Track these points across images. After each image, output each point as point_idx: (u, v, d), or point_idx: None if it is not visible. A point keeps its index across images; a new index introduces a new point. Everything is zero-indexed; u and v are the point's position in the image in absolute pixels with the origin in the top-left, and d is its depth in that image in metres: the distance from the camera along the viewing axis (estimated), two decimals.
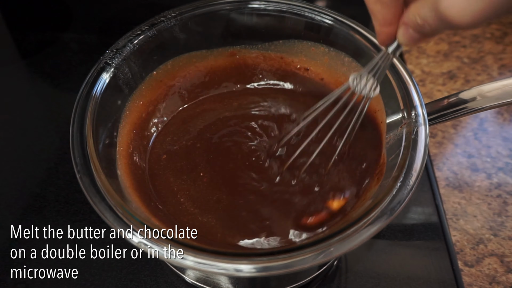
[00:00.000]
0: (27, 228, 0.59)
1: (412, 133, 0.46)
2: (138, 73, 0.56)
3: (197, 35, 0.59)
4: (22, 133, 0.72)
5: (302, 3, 0.58)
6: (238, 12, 0.59)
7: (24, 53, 0.84)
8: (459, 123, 0.73)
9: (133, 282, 0.56)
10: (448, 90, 0.76)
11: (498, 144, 0.70)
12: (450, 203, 0.64)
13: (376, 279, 0.57)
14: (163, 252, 0.39)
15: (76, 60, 0.82)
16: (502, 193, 0.65)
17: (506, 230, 0.61)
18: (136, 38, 0.54)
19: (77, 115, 0.47)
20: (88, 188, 0.42)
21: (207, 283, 0.55)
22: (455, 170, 0.67)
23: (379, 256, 0.59)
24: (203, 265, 0.38)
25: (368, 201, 0.45)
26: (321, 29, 0.57)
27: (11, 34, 0.87)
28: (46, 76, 0.80)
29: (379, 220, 0.40)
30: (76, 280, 0.56)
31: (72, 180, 0.65)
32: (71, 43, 0.85)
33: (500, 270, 0.58)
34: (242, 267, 0.38)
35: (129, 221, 0.40)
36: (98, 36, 0.86)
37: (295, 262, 0.38)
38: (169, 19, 0.56)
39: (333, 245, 0.39)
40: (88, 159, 0.44)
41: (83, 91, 0.49)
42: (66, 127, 0.46)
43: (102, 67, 0.52)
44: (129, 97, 0.55)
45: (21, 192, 0.64)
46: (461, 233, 0.61)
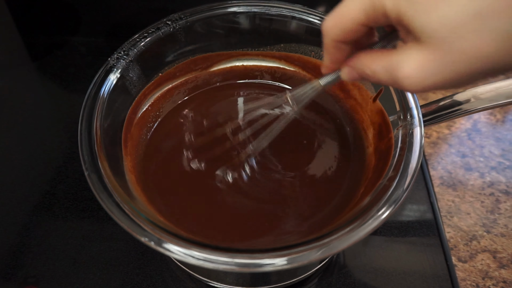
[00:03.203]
0: (38, 224, 0.61)
1: (408, 135, 0.47)
2: (144, 74, 0.57)
3: (201, 38, 0.60)
4: (32, 133, 0.72)
5: (303, 8, 0.58)
6: (240, 16, 0.59)
7: (34, 56, 0.85)
8: (453, 124, 0.73)
9: (139, 277, 0.57)
10: (443, 92, 0.75)
11: (491, 144, 0.70)
12: (444, 201, 0.64)
13: (373, 274, 0.57)
14: (168, 248, 0.39)
15: (84, 62, 0.82)
16: (494, 192, 0.65)
17: (498, 227, 0.62)
18: (142, 41, 0.55)
19: (85, 115, 0.48)
20: (96, 185, 0.43)
21: (210, 277, 0.56)
22: (449, 169, 0.67)
23: (376, 251, 0.59)
24: (205, 262, 0.39)
25: (365, 200, 0.45)
26: (321, 34, 0.58)
27: (22, 38, 0.87)
28: (55, 78, 0.80)
29: (376, 218, 0.41)
30: (84, 275, 0.57)
31: (80, 178, 0.66)
32: (80, 46, 0.85)
33: (493, 265, 0.59)
34: (244, 261, 0.39)
35: (135, 217, 0.41)
36: (106, 39, 0.87)
37: (294, 259, 0.39)
38: (174, 22, 0.57)
39: (331, 242, 0.39)
40: (96, 157, 0.45)
41: (91, 91, 0.50)
42: (75, 127, 0.47)
43: (109, 68, 0.52)
44: (135, 97, 0.56)
45: (31, 189, 0.65)
46: (455, 230, 0.62)
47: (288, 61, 0.63)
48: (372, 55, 0.38)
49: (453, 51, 0.31)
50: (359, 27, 0.36)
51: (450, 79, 0.32)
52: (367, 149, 0.55)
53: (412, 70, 0.33)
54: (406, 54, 0.33)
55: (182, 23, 0.57)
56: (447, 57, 0.31)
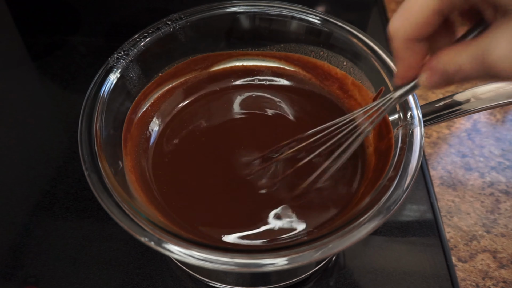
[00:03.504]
0: (38, 224, 0.61)
1: (408, 135, 0.47)
2: (144, 74, 0.57)
3: (201, 38, 0.60)
4: (32, 133, 0.72)
5: (303, 8, 0.58)
6: (240, 17, 0.59)
7: (34, 56, 0.84)
8: (453, 124, 0.73)
9: (139, 277, 0.57)
10: (443, 92, 0.76)
11: (491, 144, 0.70)
12: (444, 201, 0.64)
13: (373, 274, 0.58)
14: (168, 248, 0.39)
15: (84, 62, 0.82)
16: (494, 192, 0.65)
17: (498, 227, 0.62)
18: (142, 41, 0.55)
19: (85, 115, 0.48)
20: (95, 185, 0.43)
21: (210, 277, 0.56)
22: (449, 169, 0.68)
23: (376, 251, 0.59)
24: (205, 262, 0.39)
25: (365, 200, 0.45)
26: (321, 34, 0.58)
27: (22, 38, 0.87)
28: (55, 78, 0.80)
29: (376, 218, 0.41)
30: (84, 275, 0.57)
31: (80, 178, 0.66)
32: (80, 46, 0.85)
33: (493, 265, 0.59)
34: (244, 261, 0.39)
35: (135, 217, 0.41)
36: (106, 39, 0.86)
37: (294, 259, 0.39)
38: (174, 22, 0.57)
39: (331, 242, 0.39)
40: (95, 157, 0.45)
41: (91, 91, 0.50)
42: (75, 127, 0.47)
43: (109, 68, 0.52)
44: (135, 97, 0.56)
45: (31, 189, 0.65)
46: (455, 229, 0.62)
47: (288, 61, 0.63)
48: (456, 48, 0.33)
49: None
50: (432, 16, 0.32)
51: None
52: (367, 149, 0.55)
53: (505, 51, 0.29)
54: (496, 34, 0.30)
55: (182, 23, 0.57)
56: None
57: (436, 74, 0.35)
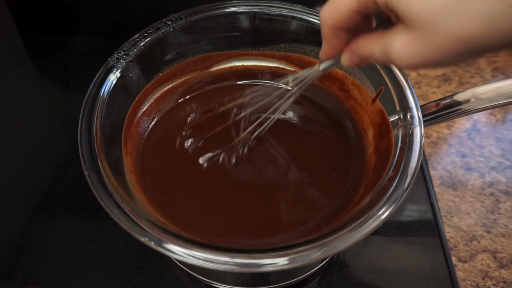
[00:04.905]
0: (38, 224, 0.61)
1: (408, 135, 0.47)
2: (144, 74, 0.57)
3: (201, 38, 0.60)
4: (32, 133, 0.72)
5: (303, 8, 0.59)
6: (240, 17, 0.60)
7: (34, 56, 0.84)
8: (453, 124, 0.73)
9: (139, 276, 0.57)
10: (443, 92, 0.76)
11: (491, 144, 0.70)
12: (444, 201, 0.64)
13: (373, 274, 0.57)
14: (168, 248, 0.39)
15: (84, 62, 0.82)
16: (494, 192, 0.65)
17: (498, 227, 0.62)
18: (142, 41, 0.55)
19: (85, 115, 0.48)
20: (95, 185, 0.43)
21: (210, 277, 0.56)
22: (449, 169, 0.67)
23: (376, 251, 0.59)
24: (205, 262, 0.39)
25: (365, 200, 0.46)
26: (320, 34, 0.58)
27: (21, 38, 0.87)
28: (55, 78, 0.80)
29: (376, 218, 0.41)
30: (84, 275, 0.57)
31: (80, 178, 0.66)
32: (80, 46, 0.85)
33: (493, 265, 0.59)
34: (244, 261, 0.39)
35: (135, 217, 0.41)
36: (106, 39, 0.86)
37: (295, 259, 0.39)
38: (174, 22, 0.57)
39: (331, 242, 0.40)
40: (95, 157, 0.45)
41: (91, 91, 0.50)
42: (75, 127, 0.47)
43: (109, 68, 0.52)
44: (135, 97, 0.56)
45: (31, 189, 0.65)
46: (455, 230, 0.62)
47: (288, 61, 0.63)
48: (369, 37, 0.41)
49: (435, 33, 0.34)
50: (352, 14, 0.39)
51: (436, 58, 0.35)
52: (367, 149, 0.55)
53: (401, 49, 0.37)
54: (396, 35, 0.37)
55: (182, 23, 0.58)
56: (430, 38, 0.34)
57: (355, 56, 0.43)
